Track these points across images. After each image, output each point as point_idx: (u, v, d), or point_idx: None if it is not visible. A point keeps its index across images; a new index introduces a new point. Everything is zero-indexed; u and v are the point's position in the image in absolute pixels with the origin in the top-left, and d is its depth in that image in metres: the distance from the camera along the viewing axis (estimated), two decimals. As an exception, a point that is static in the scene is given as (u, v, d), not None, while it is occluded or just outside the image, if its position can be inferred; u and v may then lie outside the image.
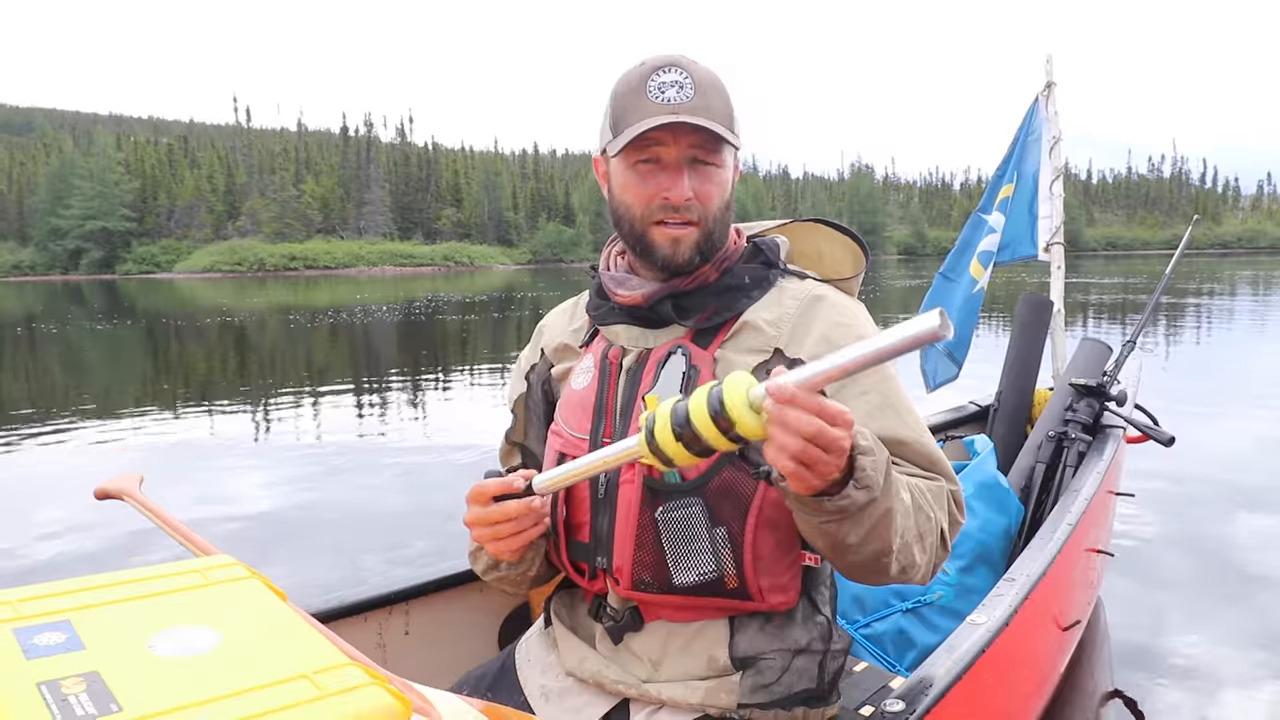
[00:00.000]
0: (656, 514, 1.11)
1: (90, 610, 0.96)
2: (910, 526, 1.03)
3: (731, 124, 1.12)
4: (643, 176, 1.12)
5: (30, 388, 9.57)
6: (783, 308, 1.17)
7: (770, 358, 1.14)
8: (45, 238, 71.07)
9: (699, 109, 1.08)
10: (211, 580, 1.05)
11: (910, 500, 1.04)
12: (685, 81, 1.09)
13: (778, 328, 1.15)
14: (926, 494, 1.08)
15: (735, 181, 1.18)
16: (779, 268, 1.22)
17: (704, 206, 1.12)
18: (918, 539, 1.04)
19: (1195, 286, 22.67)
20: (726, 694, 1.12)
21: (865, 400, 1.11)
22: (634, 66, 1.13)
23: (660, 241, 1.13)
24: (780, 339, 1.14)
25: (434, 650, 1.61)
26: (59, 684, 0.81)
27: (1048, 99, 3.21)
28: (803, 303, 1.17)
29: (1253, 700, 2.34)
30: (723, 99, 1.11)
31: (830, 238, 1.30)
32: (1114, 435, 2.45)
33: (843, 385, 1.10)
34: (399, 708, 0.82)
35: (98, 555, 3.75)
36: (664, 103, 1.08)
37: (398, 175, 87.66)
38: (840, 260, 1.29)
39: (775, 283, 1.20)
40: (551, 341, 1.33)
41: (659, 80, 1.09)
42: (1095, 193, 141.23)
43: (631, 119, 1.09)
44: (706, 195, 1.12)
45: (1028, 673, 1.71)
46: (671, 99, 1.08)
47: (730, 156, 1.15)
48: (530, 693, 1.25)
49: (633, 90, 1.10)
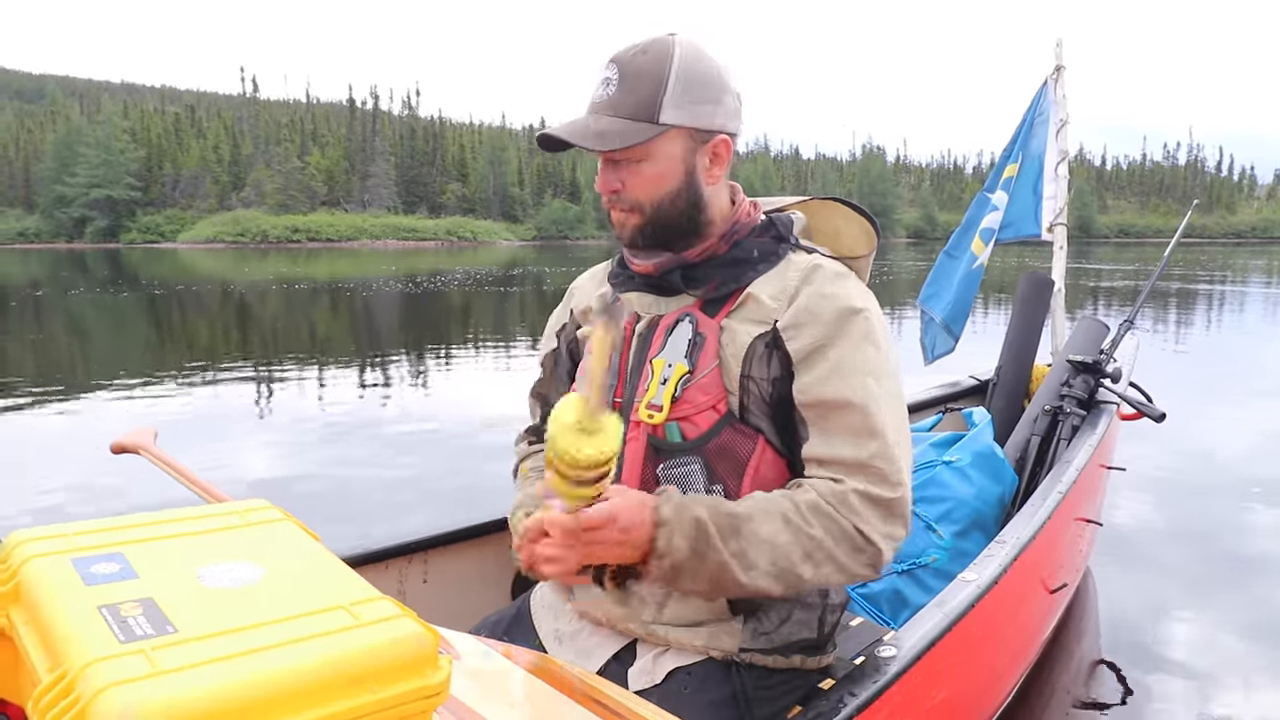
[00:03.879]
0: (658, 470, 1.17)
1: (140, 544, 1.02)
2: (784, 553, 1.07)
3: (651, 114, 1.12)
4: (600, 166, 1.20)
5: (38, 353, 9.64)
6: (785, 282, 1.20)
7: (769, 331, 1.18)
8: (51, 205, 70.80)
9: (609, 108, 1.14)
10: (250, 521, 1.12)
11: (781, 524, 1.07)
12: (613, 78, 1.14)
13: (778, 300, 1.19)
14: (803, 512, 1.08)
15: (705, 161, 1.18)
16: (789, 242, 1.25)
17: (636, 197, 1.17)
18: (804, 558, 1.07)
19: (1207, 275, 22.59)
20: (729, 638, 1.19)
21: (824, 363, 1.14)
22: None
23: (614, 223, 1.22)
24: (779, 312, 1.18)
25: (451, 598, 1.69)
26: (118, 607, 0.88)
27: (1056, 82, 3.24)
28: (803, 274, 1.20)
29: (1239, 676, 2.38)
30: (645, 92, 1.12)
31: (847, 217, 1.33)
32: (1107, 410, 2.51)
33: (816, 346, 1.14)
34: (429, 637, 0.89)
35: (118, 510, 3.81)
36: (593, 100, 1.16)
37: (403, 148, 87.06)
38: (856, 239, 1.33)
39: (784, 257, 1.23)
40: (580, 304, 1.39)
41: (600, 75, 1.16)
42: (1109, 179, 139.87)
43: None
44: (635, 187, 1.17)
45: (1015, 630, 1.78)
46: (598, 97, 1.15)
47: (670, 143, 1.15)
48: (544, 635, 1.32)
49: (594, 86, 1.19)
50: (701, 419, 1.16)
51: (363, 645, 0.85)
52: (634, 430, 1.19)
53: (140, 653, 0.79)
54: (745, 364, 1.16)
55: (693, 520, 1.05)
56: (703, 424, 1.16)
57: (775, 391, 1.17)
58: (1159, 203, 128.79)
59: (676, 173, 1.17)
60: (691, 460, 1.16)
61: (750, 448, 1.16)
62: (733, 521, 1.07)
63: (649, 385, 1.18)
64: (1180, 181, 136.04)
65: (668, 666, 1.19)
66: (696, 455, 1.16)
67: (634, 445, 1.19)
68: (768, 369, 1.16)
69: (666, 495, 1.08)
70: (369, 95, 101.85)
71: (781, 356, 1.16)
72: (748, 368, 1.16)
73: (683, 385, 1.16)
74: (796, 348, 1.15)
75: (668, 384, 1.17)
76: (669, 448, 1.17)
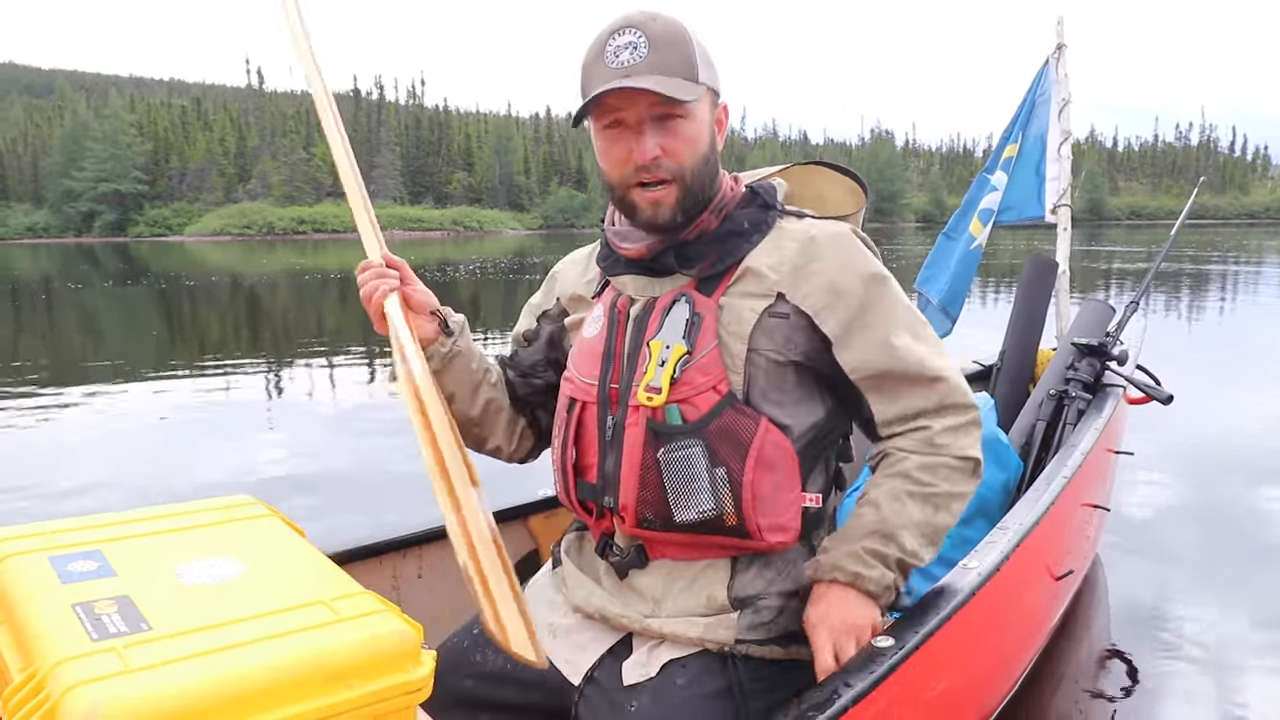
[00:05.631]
0: (659, 454, 1.15)
1: (119, 542, 1.01)
2: (925, 524, 1.18)
3: (693, 73, 1.13)
4: (611, 140, 1.15)
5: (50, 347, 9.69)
6: (782, 251, 1.19)
7: (774, 301, 1.17)
8: (59, 200, 71.20)
9: (652, 67, 1.10)
10: (233, 517, 1.11)
11: (909, 509, 1.17)
12: (639, 42, 1.11)
13: (778, 271, 1.18)
14: (917, 478, 1.18)
15: (715, 126, 1.20)
16: (777, 209, 1.24)
17: (676, 162, 1.14)
18: (936, 512, 1.18)
19: (1220, 256, 22.35)
20: (725, 630, 1.17)
21: (866, 335, 1.18)
22: (599, 30, 1.15)
23: (641, 204, 1.17)
24: (782, 283, 1.17)
25: (445, 592, 1.67)
26: (92, 605, 0.87)
27: (1058, 61, 3.19)
28: (801, 244, 1.19)
29: (1252, 664, 2.34)
30: (682, 51, 1.12)
31: (831, 179, 1.33)
32: (1114, 394, 2.47)
33: (853, 321, 1.17)
34: (411, 632, 0.88)
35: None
36: (618, 66, 1.11)
37: (409, 138, 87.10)
38: (841, 200, 1.33)
39: (775, 224, 1.22)
40: (566, 291, 1.38)
41: (614, 44, 1.12)
42: (1120, 160, 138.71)
43: (591, 85, 1.13)
44: (675, 150, 1.14)
45: (1019, 618, 1.76)
46: (625, 62, 1.11)
47: (703, 105, 1.16)
48: (538, 630, 1.30)
49: (594, 57, 1.14)
50: (701, 400, 1.14)
51: (342, 641, 0.83)
52: (633, 415, 1.17)
53: (112, 650, 0.78)
54: (751, 339, 1.15)
55: (855, 554, 1.16)
56: (703, 405, 1.14)
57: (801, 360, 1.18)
58: (1171, 184, 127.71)
59: (706, 135, 1.17)
60: (693, 443, 1.13)
61: (753, 429, 1.14)
62: (881, 529, 1.16)
63: (646, 368, 1.17)
64: (1193, 162, 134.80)
65: (662, 659, 1.18)
66: (697, 438, 1.14)
67: (633, 430, 1.17)
68: (781, 341, 1.17)
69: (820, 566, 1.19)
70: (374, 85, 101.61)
71: (806, 328, 1.17)
72: (754, 342, 1.15)
73: (681, 366, 1.14)
74: (832, 328, 1.17)
75: (666, 365, 1.15)
76: (669, 431, 1.15)
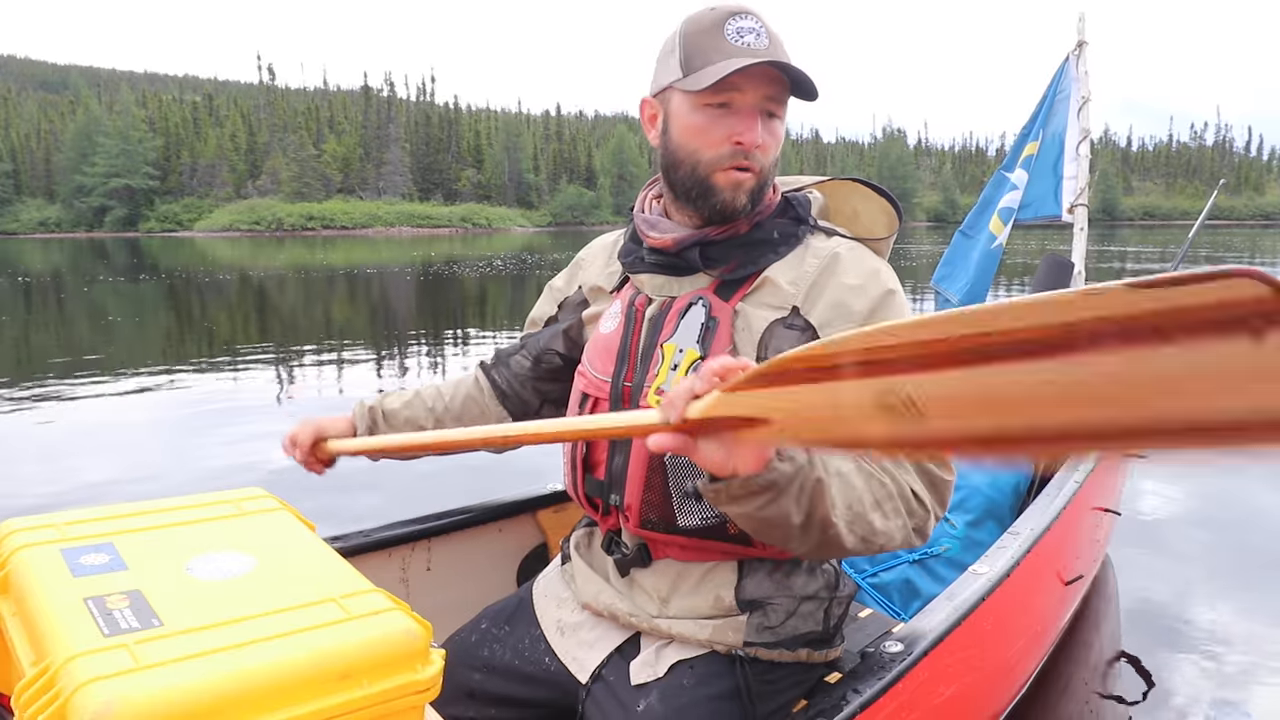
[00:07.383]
0: (665, 457, 1.14)
1: (131, 535, 1.01)
2: (857, 496, 1.01)
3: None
4: (712, 120, 1.12)
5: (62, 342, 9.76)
6: (804, 267, 1.17)
7: (789, 314, 1.15)
8: (71, 195, 71.63)
9: (782, 53, 1.10)
10: (245, 511, 1.11)
11: (854, 467, 1.02)
12: (761, 29, 1.10)
13: (796, 286, 1.16)
14: (871, 465, 1.05)
15: None
16: (809, 224, 1.22)
17: (764, 156, 1.14)
18: (874, 506, 1.02)
19: (1235, 257, 22.19)
20: (734, 632, 1.17)
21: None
22: (701, 10, 1.13)
23: (723, 185, 1.14)
24: (798, 297, 1.16)
25: (455, 586, 1.67)
26: (104, 600, 0.87)
27: (1078, 58, 3.16)
28: (823, 261, 1.17)
29: (1264, 669, 2.33)
30: (788, 53, 1.12)
31: (867, 197, 1.30)
32: (1128, 397, 2.45)
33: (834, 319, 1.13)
34: (421, 631, 0.87)
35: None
36: (744, 46, 1.09)
37: (418, 135, 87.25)
38: (875, 221, 1.29)
39: (804, 239, 1.21)
40: (589, 280, 1.37)
41: (737, 25, 1.10)
42: (1134, 160, 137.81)
43: (712, 59, 1.09)
44: (768, 146, 1.14)
45: (1027, 623, 1.75)
46: (750, 44, 1.09)
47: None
48: (546, 626, 1.30)
49: (706, 32, 1.10)
50: None
51: (352, 639, 0.83)
52: None
53: (124, 647, 0.78)
54: (760, 348, 1.14)
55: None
56: None
57: None
58: (1185, 184, 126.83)
59: (782, 141, 1.18)
60: None
61: None
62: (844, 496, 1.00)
63: (659, 370, 1.16)
64: (1207, 163, 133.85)
65: (670, 659, 1.17)
66: None
67: None
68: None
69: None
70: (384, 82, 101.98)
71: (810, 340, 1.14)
72: (763, 351, 1.14)
73: (694, 371, 1.13)
74: None
75: (678, 370, 1.14)
76: None
